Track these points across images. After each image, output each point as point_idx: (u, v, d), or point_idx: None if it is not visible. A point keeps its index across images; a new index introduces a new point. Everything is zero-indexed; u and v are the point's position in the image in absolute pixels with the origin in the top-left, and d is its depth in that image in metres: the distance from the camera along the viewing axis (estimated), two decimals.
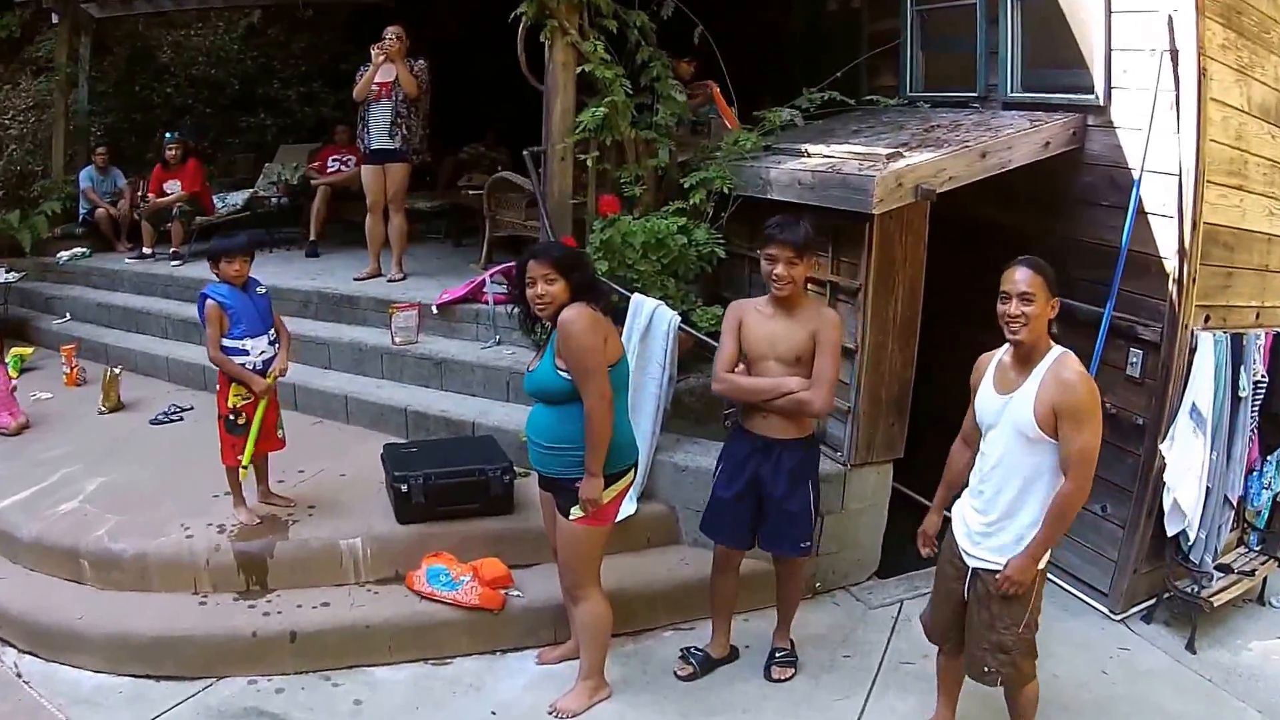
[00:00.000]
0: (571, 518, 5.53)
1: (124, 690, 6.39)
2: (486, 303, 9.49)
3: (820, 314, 5.79)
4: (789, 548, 6.06)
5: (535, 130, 9.17)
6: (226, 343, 6.90)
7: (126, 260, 13.01)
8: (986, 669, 5.17)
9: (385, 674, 6.47)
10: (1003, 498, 5.05)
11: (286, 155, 15.47)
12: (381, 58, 10.39)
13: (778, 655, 6.50)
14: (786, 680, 6.37)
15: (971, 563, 5.16)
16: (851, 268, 7.25)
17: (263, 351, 6.99)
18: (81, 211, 14.60)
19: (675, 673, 6.37)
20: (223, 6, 18.22)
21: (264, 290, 7.13)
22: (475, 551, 6.96)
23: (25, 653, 6.76)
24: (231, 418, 7.01)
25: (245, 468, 7.06)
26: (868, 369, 7.26)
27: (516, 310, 5.93)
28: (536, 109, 8.90)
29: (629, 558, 7.21)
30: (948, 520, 5.52)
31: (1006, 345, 5.05)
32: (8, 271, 13.30)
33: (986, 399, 5.12)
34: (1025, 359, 4.93)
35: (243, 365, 6.91)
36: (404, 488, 7.03)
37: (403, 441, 8.12)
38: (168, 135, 14.09)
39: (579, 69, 8.45)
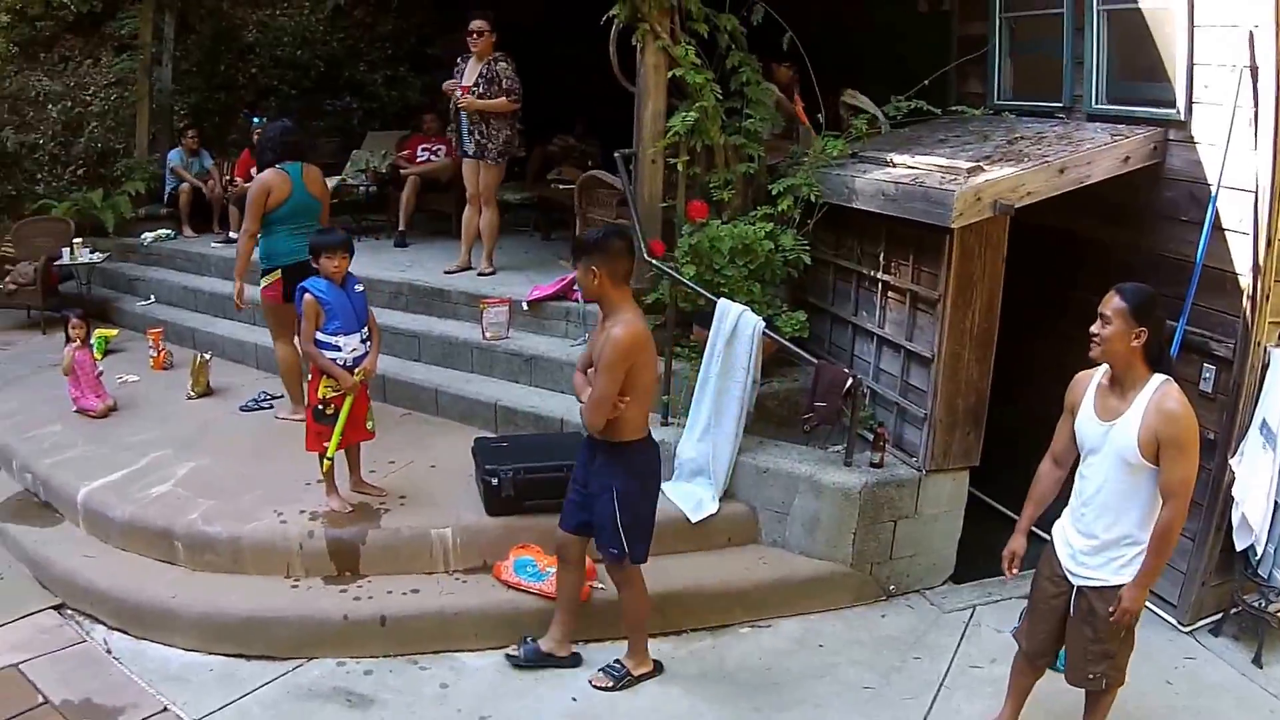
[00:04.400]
0: None
1: (214, 668, 6.98)
2: (577, 300, 10.01)
3: (607, 331, 6.09)
4: (601, 549, 6.55)
5: (624, 121, 9.78)
6: (320, 337, 7.51)
7: (213, 245, 13.69)
8: (1091, 676, 5.72)
9: (471, 660, 7.04)
10: (1105, 520, 5.52)
11: (374, 142, 16.03)
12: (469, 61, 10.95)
13: (609, 664, 6.94)
14: (602, 689, 6.74)
15: (1076, 581, 5.65)
16: (931, 278, 7.82)
17: (354, 349, 7.61)
18: (167, 189, 15.22)
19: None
20: None
21: (361, 289, 7.76)
22: None
23: (114, 630, 7.38)
24: (320, 407, 7.63)
25: (330, 458, 7.69)
26: (944, 378, 7.80)
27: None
28: (624, 98, 9.46)
29: (709, 556, 7.89)
30: (1033, 537, 6.01)
31: (1104, 367, 5.54)
32: (92, 252, 13.93)
33: (1087, 423, 5.59)
34: (1122, 385, 5.40)
35: (334, 360, 7.51)
36: (494, 481, 7.63)
37: (493, 436, 8.75)
38: (254, 120, 14.78)
39: (670, 73, 9.03)
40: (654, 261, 8.91)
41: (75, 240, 13.92)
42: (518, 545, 7.54)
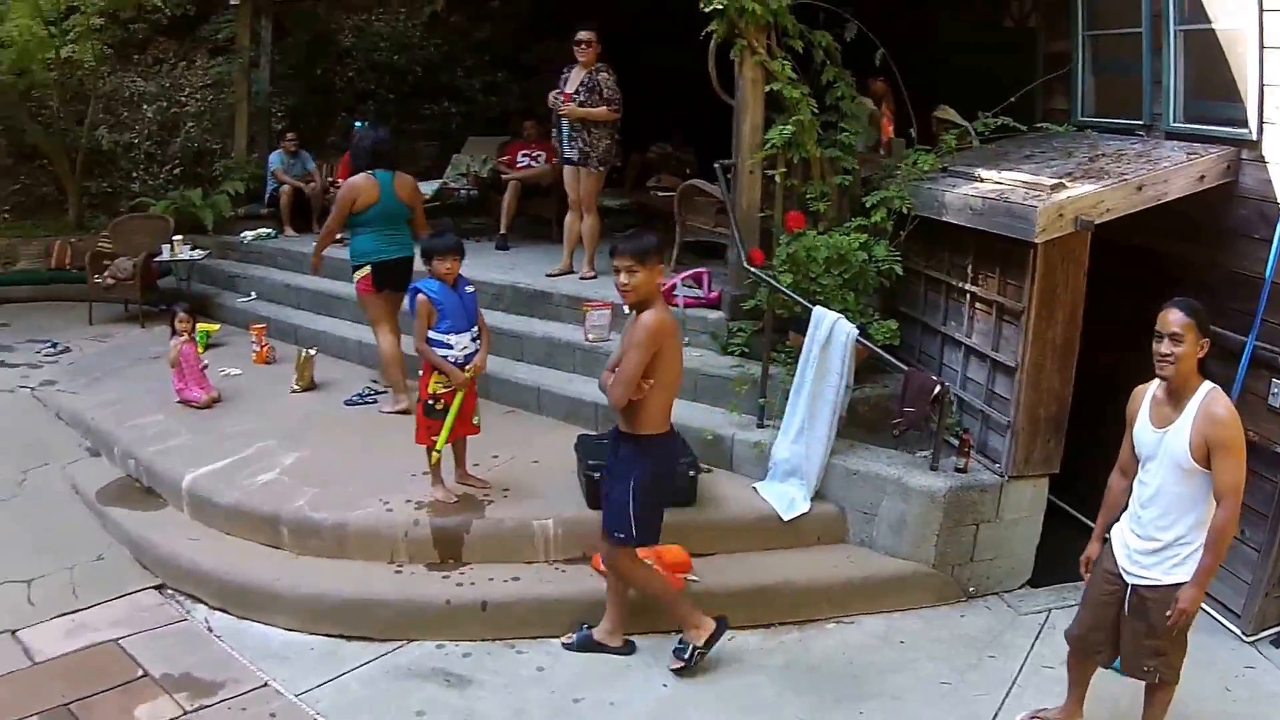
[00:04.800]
0: None
1: (315, 647, 7.43)
2: (677, 305, 10.41)
3: (639, 319, 6.57)
4: (605, 526, 7.00)
5: (719, 130, 10.25)
6: (432, 335, 8.07)
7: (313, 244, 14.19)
8: (1146, 668, 6.08)
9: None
10: (1161, 523, 5.85)
11: (474, 147, 16.59)
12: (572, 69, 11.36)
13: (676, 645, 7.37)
14: (677, 670, 7.18)
15: (1131, 580, 6.03)
16: (1016, 290, 8.19)
17: (465, 347, 8.15)
18: (268, 190, 15.81)
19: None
20: None
21: (472, 290, 8.30)
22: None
23: (215, 609, 7.86)
24: (430, 403, 8.16)
25: (439, 451, 8.22)
26: (1027, 387, 8.16)
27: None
28: (720, 108, 9.87)
29: (798, 553, 8.32)
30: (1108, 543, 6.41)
31: (1158, 380, 5.92)
32: (193, 249, 14.57)
33: (1143, 432, 5.98)
34: (1177, 394, 5.77)
35: (445, 358, 8.06)
36: (596, 475, 7.99)
37: (595, 433, 9.19)
38: (356, 124, 15.19)
39: (767, 87, 9.47)
40: (753, 269, 9.30)
41: (176, 237, 14.55)
42: None
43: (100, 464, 10.14)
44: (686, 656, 7.22)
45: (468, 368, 8.14)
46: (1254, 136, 8.17)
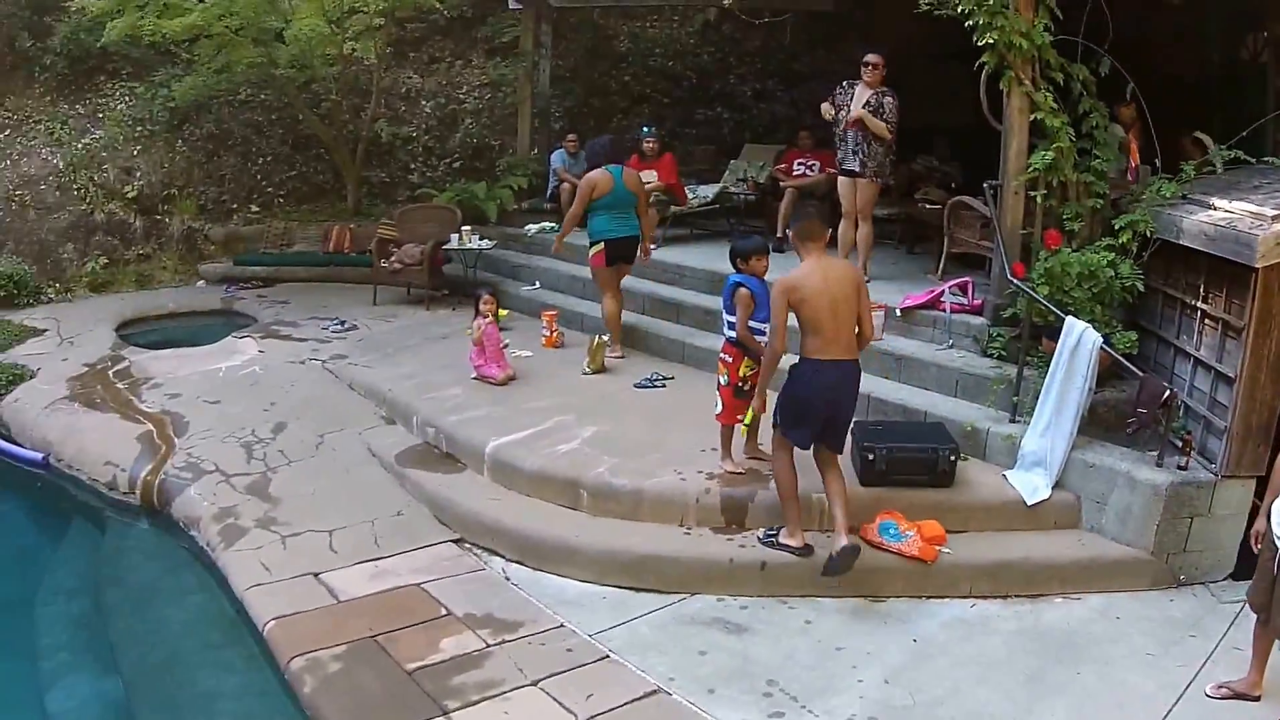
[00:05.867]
0: None
1: (606, 597, 8.78)
2: (944, 310, 11.77)
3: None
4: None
5: (979, 145, 11.50)
6: (751, 323, 9.58)
7: None
8: None
9: (830, 604, 8.78)
10: None
11: (752, 154, 17.82)
12: (859, 87, 12.61)
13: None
14: (762, 541, 9.21)
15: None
16: (1239, 308, 9.17)
17: None
18: (550, 186, 17.37)
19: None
20: (683, 5, 21.01)
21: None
22: (919, 514, 9.29)
23: (512, 562, 9.31)
24: (740, 385, 9.74)
25: (746, 424, 9.74)
26: (1243, 396, 9.18)
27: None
28: (980, 125, 11.11)
29: (1037, 535, 9.61)
30: None
31: None
32: (481, 239, 16.21)
33: None
34: None
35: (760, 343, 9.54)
36: (870, 456, 9.60)
37: (871, 420, 10.56)
38: (644, 129, 16.77)
39: (1031, 115, 10.69)
40: (1015, 281, 10.54)
41: (465, 228, 16.22)
42: (884, 511, 9.31)
43: (395, 431, 11.79)
44: (767, 539, 9.23)
45: None
46: None
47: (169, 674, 8.26)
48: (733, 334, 9.80)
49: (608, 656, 7.95)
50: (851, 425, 9.67)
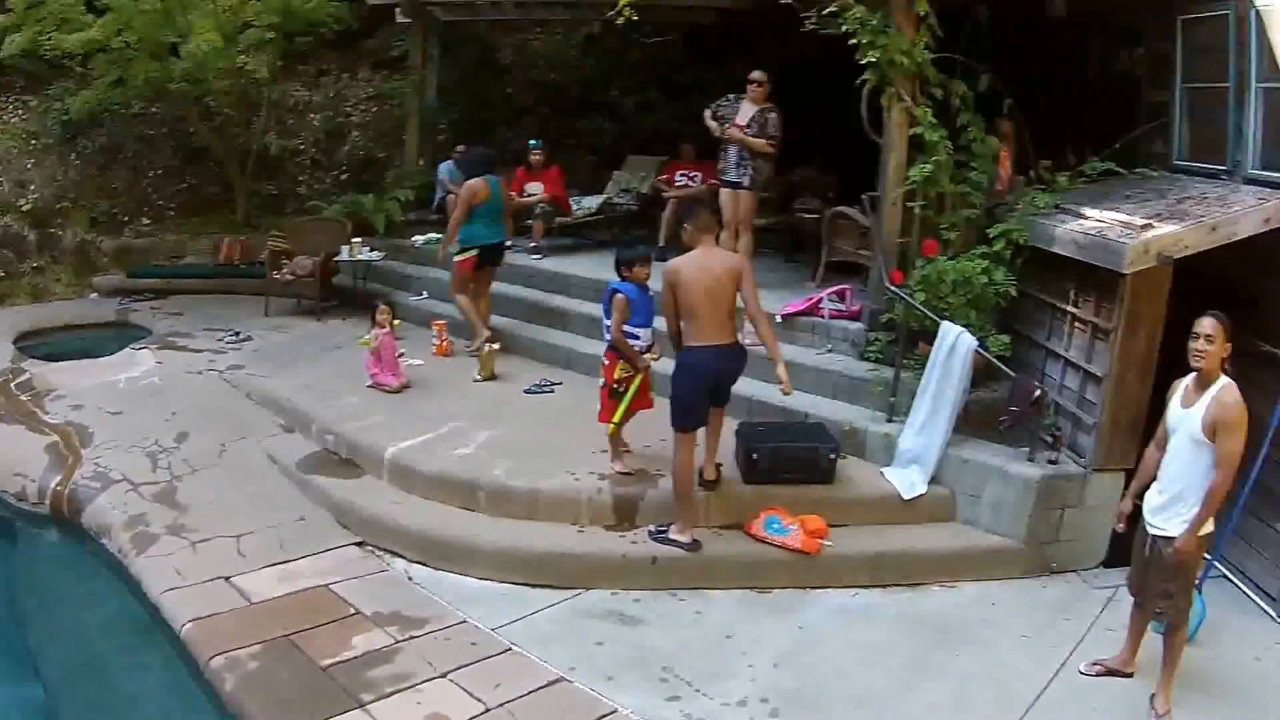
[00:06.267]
0: None
1: (506, 593, 9.02)
2: (824, 316, 12.15)
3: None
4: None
5: (857, 155, 11.89)
6: (626, 328, 9.80)
7: None
8: (1158, 610, 7.73)
9: (718, 596, 9.13)
10: (1175, 485, 7.46)
11: (634, 165, 18.07)
12: (743, 101, 12.97)
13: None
14: (652, 537, 9.55)
15: (1152, 531, 7.62)
16: (1109, 312, 9.64)
17: (648, 339, 10.01)
18: (437, 198, 17.39)
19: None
20: (567, 19, 20.80)
21: (652, 294, 10.04)
22: (802, 509, 9.64)
23: (414, 562, 9.48)
24: (615, 386, 9.97)
25: (617, 425, 10.05)
26: (1111, 394, 9.67)
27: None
28: (858, 136, 11.31)
29: (914, 528, 10.03)
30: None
31: (1193, 373, 7.45)
32: (371, 250, 16.28)
33: (1173, 411, 7.49)
34: (1203, 383, 7.26)
35: (635, 346, 9.86)
36: (754, 455, 9.93)
37: (753, 421, 10.82)
38: (532, 142, 16.87)
39: (911, 130, 11.02)
40: (894, 288, 10.91)
41: (355, 239, 16.23)
42: (767, 506, 9.64)
43: (295, 439, 11.86)
44: (657, 533, 9.57)
45: (647, 355, 9.96)
46: None
47: (89, 677, 8.41)
48: (609, 337, 10.00)
49: (510, 649, 8.20)
50: (736, 427, 10.34)
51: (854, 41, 10.86)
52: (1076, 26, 14.00)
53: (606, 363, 10.17)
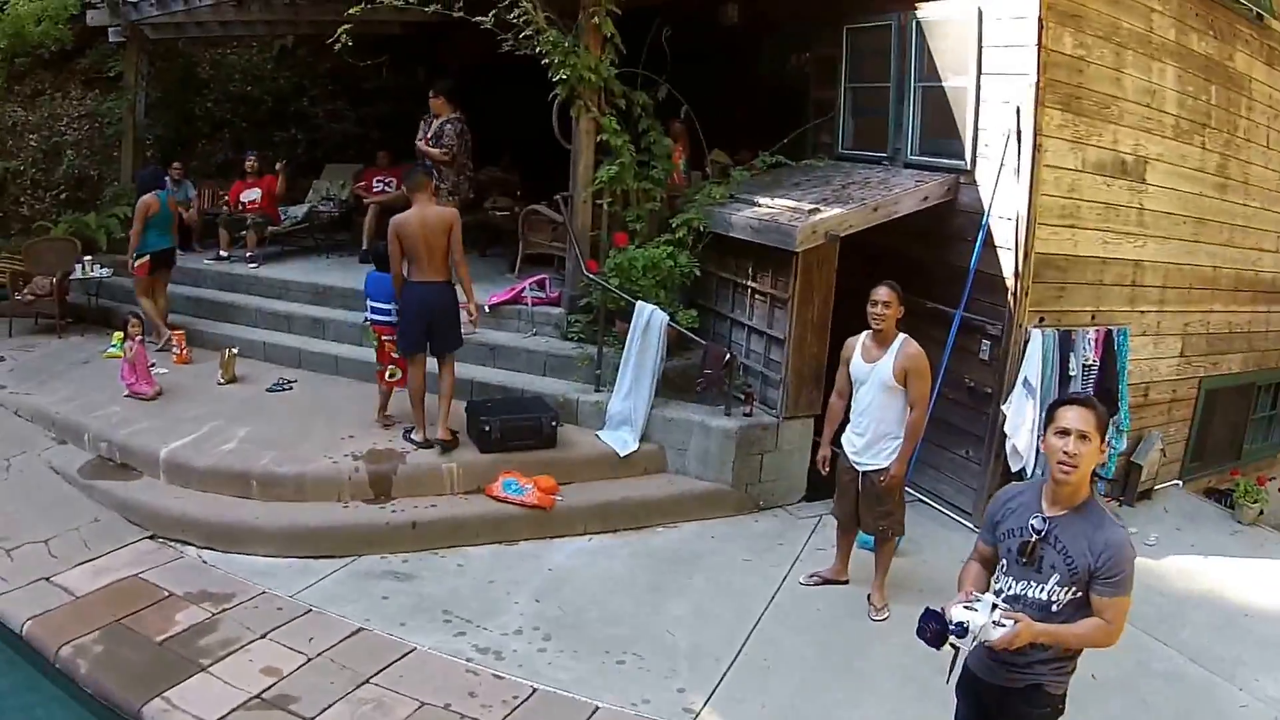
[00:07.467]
0: None
1: (292, 565, 9.47)
2: (527, 304, 13.00)
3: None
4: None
5: (544, 155, 12.70)
6: (377, 304, 11.14)
7: (205, 261, 16.06)
8: (880, 527, 8.83)
9: (474, 550, 9.94)
10: (875, 428, 8.57)
11: (333, 173, 18.45)
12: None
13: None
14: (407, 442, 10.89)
15: (861, 468, 8.72)
16: (784, 284, 10.76)
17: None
18: None
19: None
20: (265, 35, 20.91)
21: None
22: (534, 471, 10.53)
23: (204, 548, 9.69)
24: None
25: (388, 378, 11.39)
26: (793, 353, 10.77)
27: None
28: (546, 136, 12.25)
29: (633, 480, 11.05)
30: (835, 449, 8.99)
31: (867, 331, 8.48)
32: (103, 268, 15.95)
33: (857, 367, 8.57)
34: (883, 340, 8.36)
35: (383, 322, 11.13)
36: (486, 428, 10.72)
37: (480, 399, 11.59)
38: (249, 152, 17.27)
39: (598, 137, 11.89)
40: (590, 276, 11.83)
41: (86, 257, 15.94)
42: (504, 471, 10.49)
43: (70, 450, 11.60)
44: (405, 435, 11.02)
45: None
46: (968, 166, 10.93)
47: None
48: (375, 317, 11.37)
49: (311, 610, 8.79)
50: (465, 405, 11.32)
51: (546, 61, 11.58)
52: (749, 33, 15.01)
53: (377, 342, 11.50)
